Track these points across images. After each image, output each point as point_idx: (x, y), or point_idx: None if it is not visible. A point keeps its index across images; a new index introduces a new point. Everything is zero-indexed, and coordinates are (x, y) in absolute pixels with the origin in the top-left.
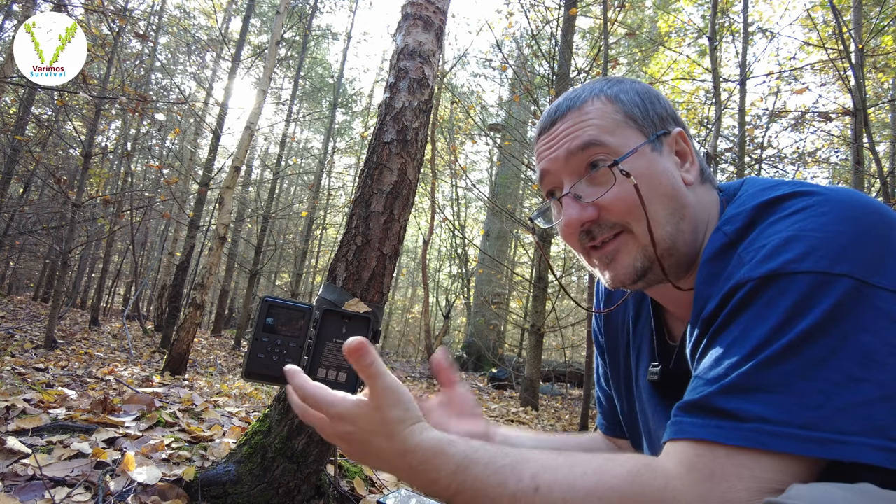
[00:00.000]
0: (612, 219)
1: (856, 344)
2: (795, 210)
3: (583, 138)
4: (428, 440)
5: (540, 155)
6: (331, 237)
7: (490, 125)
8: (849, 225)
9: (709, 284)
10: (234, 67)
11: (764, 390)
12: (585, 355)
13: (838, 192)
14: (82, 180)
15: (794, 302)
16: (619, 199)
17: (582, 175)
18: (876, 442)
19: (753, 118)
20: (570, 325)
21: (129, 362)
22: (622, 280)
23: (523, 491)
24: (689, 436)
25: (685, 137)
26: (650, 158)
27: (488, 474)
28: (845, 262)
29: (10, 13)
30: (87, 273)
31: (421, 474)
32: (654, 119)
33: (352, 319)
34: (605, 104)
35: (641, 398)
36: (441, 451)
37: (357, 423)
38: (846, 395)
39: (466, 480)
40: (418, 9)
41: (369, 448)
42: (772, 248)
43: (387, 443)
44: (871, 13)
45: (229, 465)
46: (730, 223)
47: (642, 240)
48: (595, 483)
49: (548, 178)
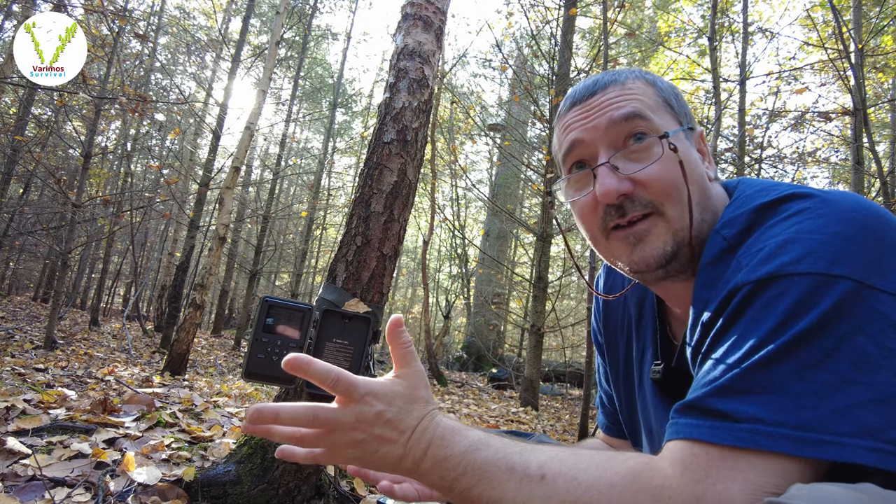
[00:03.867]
0: (647, 196)
1: (851, 346)
2: (793, 213)
3: (629, 108)
4: (447, 420)
5: (571, 126)
6: (331, 237)
7: (490, 125)
8: (847, 226)
9: (708, 288)
10: (233, 68)
11: (759, 391)
12: (585, 355)
13: (836, 195)
14: (82, 180)
15: (792, 304)
16: (660, 175)
17: (619, 148)
18: (869, 443)
19: (753, 118)
20: (570, 325)
21: (129, 362)
22: (648, 262)
23: (530, 477)
24: (684, 436)
25: (704, 139)
26: (686, 145)
27: (498, 458)
28: (844, 264)
29: (10, 13)
30: (86, 273)
31: (436, 450)
32: (686, 112)
33: (352, 319)
34: (647, 86)
35: (644, 397)
36: (458, 430)
37: (393, 402)
38: (840, 396)
39: (476, 461)
40: (418, 9)
41: (391, 431)
42: (769, 251)
43: (416, 421)
44: (870, 13)
45: (229, 465)
46: (728, 227)
47: (674, 223)
48: (597, 478)
49: (579, 148)
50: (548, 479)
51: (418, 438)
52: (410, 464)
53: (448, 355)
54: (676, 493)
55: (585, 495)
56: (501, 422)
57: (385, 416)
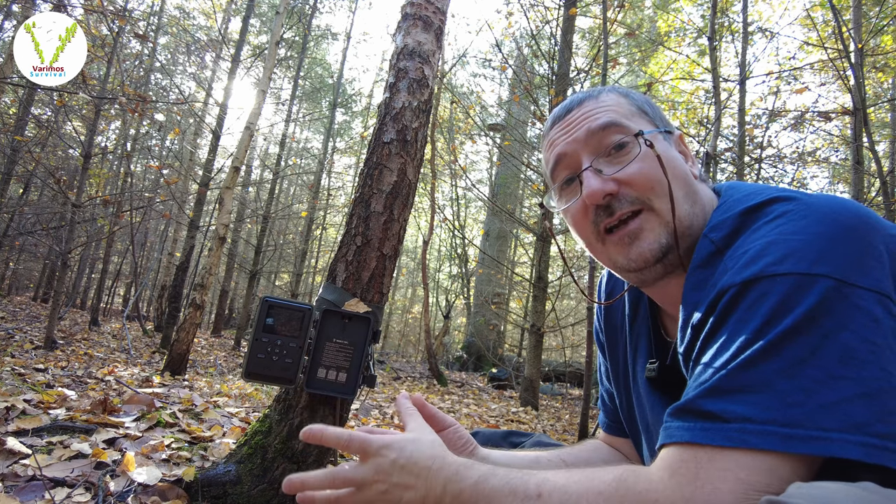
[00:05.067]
0: (633, 193)
1: (836, 342)
2: (777, 215)
3: (603, 119)
4: (457, 458)
5: (555, 141)
6: (331, 237)
7: (490, 125)
8: (828, 227)
9: (697, 290)
10: (233, 68)
11: (746, 390)
12: (585, 355)
13: (819, 197)
14: (82, 181)
15: (776, 303)
16: (641, 172)
17: (601, 154)
18: (856, 438)
19: (753, 118)
20: (570, 325)
21: (129, 363)
22: (646, 257)
23: (529, 497)
24: (675, 439)
25: (685, 141)
26: (665, 144)
27: (503, 484)
28: (825, 263)
29: (10, 13)
30: (86, 273)
31: (453, 486)
32: (661, 117)
33: (352, 319)
34: (619, 97)
35: (640, 395)
36: (468, 465)
37: (405, 448)
38: (827, 392)
39: (485, 490)
40: (418, 9)
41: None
42: (753, 253)
43: (431, 461)
44: (870, 13)
45: (229, 465)
46: (716, 230)
47: (665, 215)
48: (586, 488)
49: (564, 161)
50: (543, 496)
51: (435, 478)
52: (433, 502)
53: (448, 355)
54: (664, 495)
55: None
56: (501, 422)
57: (399, 462)
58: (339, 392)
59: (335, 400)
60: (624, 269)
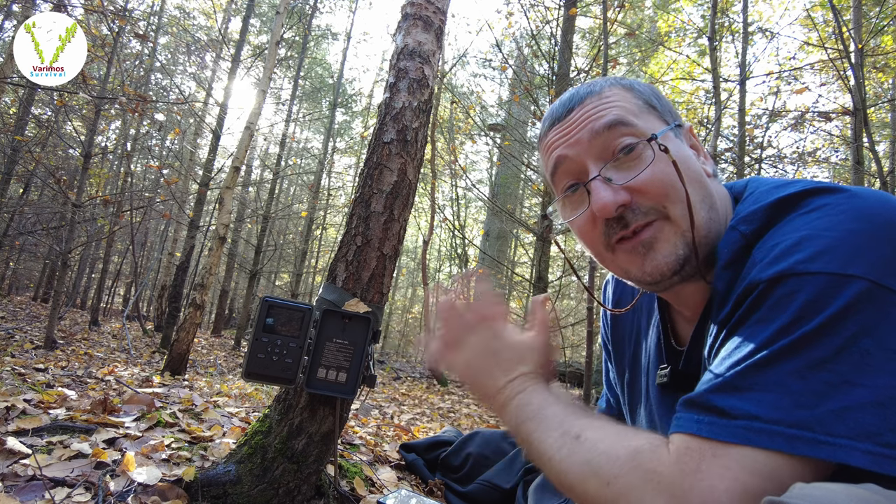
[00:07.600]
0: (647, 202)
1: (856, 348)
2: (813, 208)
3: (608, 117)
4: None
5: (553, 145)
6: (331, 237)
7: (490, 125)
8: (865, 223)
9: (728, 286)
10: (233, 68)
11: (759, 389)
12: (585, 355)
13: (863, 191)
14: (82, 180)
15: (803, 304)
16: (656, 178)
17: (608, 159)
18: (865, 446)
19: (753, 118)
20: (570, 325)
21: (129, 362)
22: (663, 271)
23: (569, 435)
24: (683, 430)
25: (695, 133)
26: (677, 143)
27: (556, 415)
28: (859, 263)
29: (10, 13)
30: (86, 273)
31: (523, 397)
32: (669, 110)
33: (352, 319)
34: (624, 91)
35: (650, 405)
36: (539, 389)
37: (512, 337)
38: (840, 397)
39: (542, 413)
40: (418, 9)
41: (500, 352)
42: (784, 247)
43: (518, 362)
44: (870, 13)
45: (229, 465)
46: (746, 223)
47: (681, 224)
48: (611, 446)
49: (565, 165)
50: (580, 439)
51: (518, 384)
52: (504, 399)
53: None
54: (665, 480)
55: (597, 458)
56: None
57: (500, 339)
58: (339, 392)
59: (335, 400)
60: (638, 280)
